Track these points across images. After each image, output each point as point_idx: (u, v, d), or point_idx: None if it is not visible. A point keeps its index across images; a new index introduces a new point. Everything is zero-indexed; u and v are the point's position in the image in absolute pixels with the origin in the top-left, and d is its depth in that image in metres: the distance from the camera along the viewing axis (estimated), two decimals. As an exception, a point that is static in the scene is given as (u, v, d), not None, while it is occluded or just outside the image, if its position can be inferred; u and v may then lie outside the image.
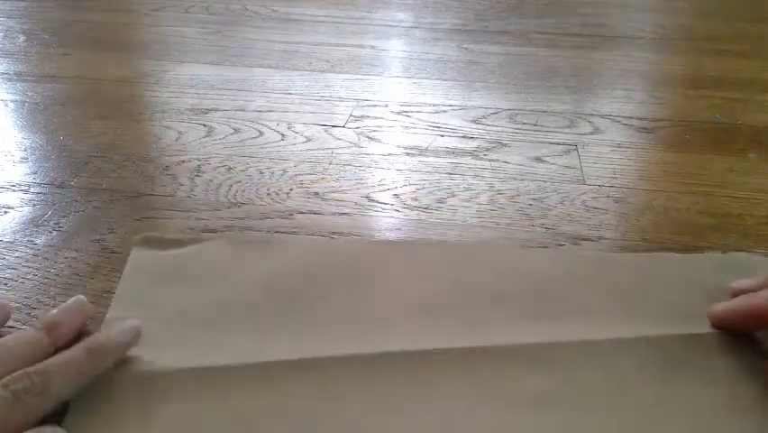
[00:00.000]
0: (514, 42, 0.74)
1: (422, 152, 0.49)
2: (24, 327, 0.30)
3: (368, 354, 0.28)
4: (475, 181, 0.44)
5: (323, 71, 0.64)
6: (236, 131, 0.51)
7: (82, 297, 0.29)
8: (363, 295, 0.32)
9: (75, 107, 0.55)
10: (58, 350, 0.26)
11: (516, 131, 0.52)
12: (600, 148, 0.50)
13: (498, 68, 0.66)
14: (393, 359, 0.28)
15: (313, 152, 0.48)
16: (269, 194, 0.42)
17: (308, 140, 0.50)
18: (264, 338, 0.29)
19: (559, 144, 0.50)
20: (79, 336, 0.28)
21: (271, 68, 0.65)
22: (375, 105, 0.57)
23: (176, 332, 0.30)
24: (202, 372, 0.27)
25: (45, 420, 0.24)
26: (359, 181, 0.44)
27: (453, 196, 0.42)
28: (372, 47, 0.72)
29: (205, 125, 0.52)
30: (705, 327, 0.30)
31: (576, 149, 0.49)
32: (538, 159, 0.48)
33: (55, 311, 0.27)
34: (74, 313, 0.28)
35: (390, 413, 0.26)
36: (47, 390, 0.23)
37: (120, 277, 0.33)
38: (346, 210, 0.41)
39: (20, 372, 0.23)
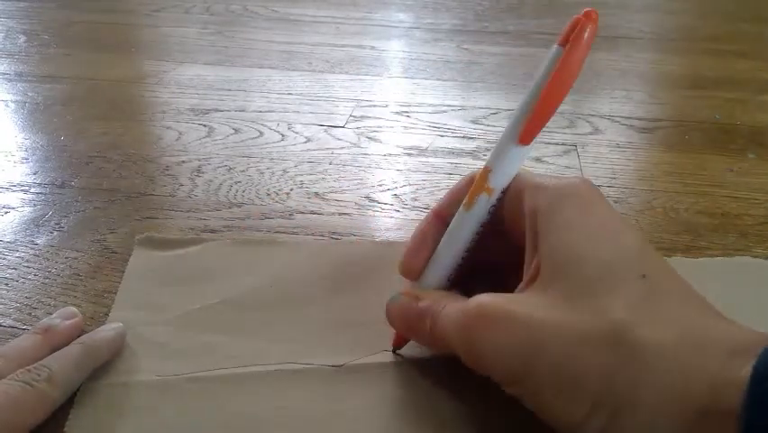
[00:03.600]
0: (514, 43, 0.74)
1: (422, 152, 0.49)
2: (25, 327, 0.30)
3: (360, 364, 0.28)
4: (475, 181, 0.45)
5: (323, 72, 0.64)
6: (236, 131, 0.51)
7: (70, 306, 0.30)
8: (361, 299, 0.32)
9: (75, 108, 0.55)
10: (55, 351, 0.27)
11: (516, 131, 0.52)
12: (600, 148, 0.50)
13: (497, 68, 0.66)
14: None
15: (313, 152, 0.48)
16: (269, 194, 0.42)
17: (308, 140, 0.50)
18: (265, 342, 0.30)
19: (558, 144, 0.50)
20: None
21: (271, 68, 0.65)
22: (375, 106, 0.57)
23: (177, 334, 0.30)
24: (203, 376, 0.27)
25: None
26: (359, 181, 0.44)
27: (453, 196, 0.43)
28: (372, 47, 0.72)
29: (205, 126, 0.52)
30: None
31: (575, 149, 0.49)
32: (538, 159, 0.48)
33: (46, 319, 0.29)
34: (65, 317, 0.29)
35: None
36: (51, 379, 0.25)
37: (121, 277, 0.33)
38: (346, 210, 0.41)
39: (24, 368, 0.25)
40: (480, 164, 0.47)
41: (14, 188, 0.42)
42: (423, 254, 0.27)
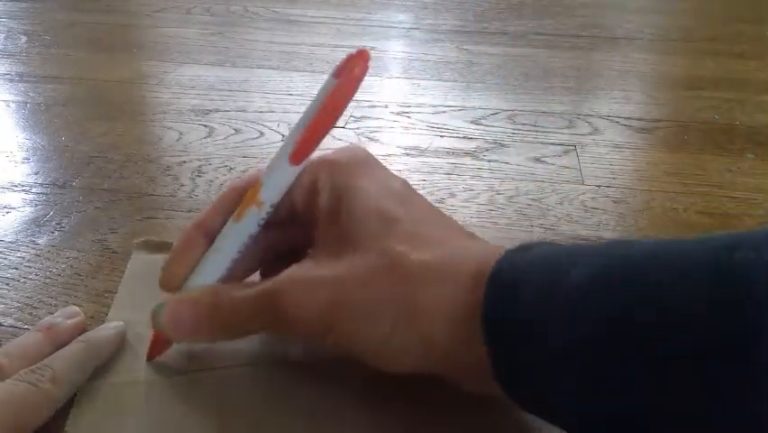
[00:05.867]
0: (513, 44, 0.75)
1: (421, 152, 0.49)
2: (26, 326, 0.31)
3: None
4: (474, 182, 0.45)
5: (323, 72, 0.65)
6: (237, 131, 0.51)
7: (73, 306, 0.30)
8: None
9: (76, 108, 0.55)
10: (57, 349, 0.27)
11: (516, 131, 0.53)
12: (599, 148, 0.50)
13: (497, 69, 0.67)
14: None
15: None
16: (269, 194, 0.42)
17: (308, 140, 0.50)
18: (265, 340, 0.30)
19: (558, 145, 0.50)
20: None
21: (272, 69, 0.65)
22: (375, 106, 0.57)
23: None
24: (202, 374, 0.28)
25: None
26: (359, 182, 0.44)
27: (453, 196, 0.43)
28: (372, 48, 0.72)
29: (206, 126, 0.52)
30: None
31: (575, 149, 0.50)
32: (537, 159, 0.48)
33: (49, 317, 0.29)
34: (67, 315, 0.29)
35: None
36: (55, 379, 0.25)
37: (121, 277, 0.34)
38: (346, 210, 0.41)
39: (27, 368, 0.25)
40: (480, 164, 0.47)
41: (16, 189, 0.43)
42: (184, 268, 0.27)
